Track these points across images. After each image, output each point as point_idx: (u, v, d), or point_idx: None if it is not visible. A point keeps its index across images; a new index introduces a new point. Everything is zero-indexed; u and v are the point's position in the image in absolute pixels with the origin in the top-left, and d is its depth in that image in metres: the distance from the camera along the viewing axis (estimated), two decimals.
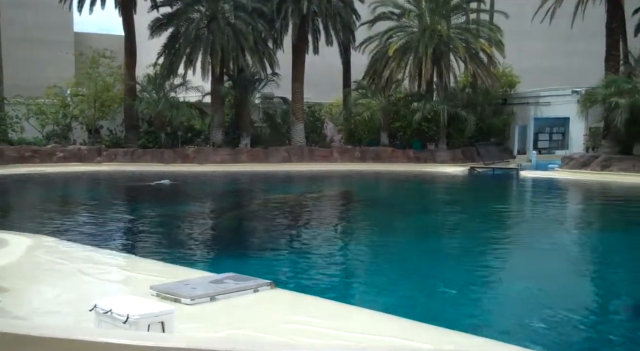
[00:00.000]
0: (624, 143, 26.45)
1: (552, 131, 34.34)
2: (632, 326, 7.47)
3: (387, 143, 33.00)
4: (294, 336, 5.68)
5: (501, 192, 24.53)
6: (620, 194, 21.13)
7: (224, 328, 5.91)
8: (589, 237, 14.00)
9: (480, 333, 6.40)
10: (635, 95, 24.27)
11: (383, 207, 18.97)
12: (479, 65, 31.58)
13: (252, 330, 5.85)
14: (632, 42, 27.97)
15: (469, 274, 9.85)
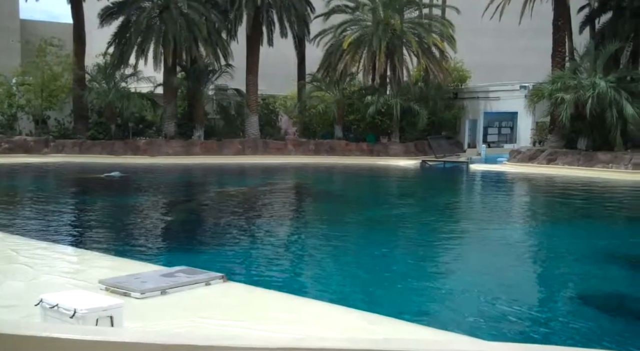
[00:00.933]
0: (568, 137, 27.35)
1: (501, 125, 35.25)
2: (574, 315, 7.79)
3: (341, 137, 33.20)
4: (246, 328, 5.72)
5: (451, 185, 25.05)
6: (564, 187, 21.87)
7: (175, 322, 5.89)
8: (534, 228, 14.47)
9: (429, 324, 6.57)
10: (579, 91, 25.07)
11: (336, 200, 19.12)
12: (431, 59, 32.07)
13: (203, 323, 5.86)
14: (577, 39, 28.89)
15: (419, 265, 10.07)
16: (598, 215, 15.97)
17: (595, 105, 24.50)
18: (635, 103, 24.45)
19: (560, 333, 6.86)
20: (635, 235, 13.59)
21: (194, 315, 6.18)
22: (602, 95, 24.38)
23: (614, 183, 22.30)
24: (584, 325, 7.11)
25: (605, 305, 7.98)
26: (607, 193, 20.67)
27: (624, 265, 10.21)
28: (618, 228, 14.36)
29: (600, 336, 6.65)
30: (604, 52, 25.83)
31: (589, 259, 10.57)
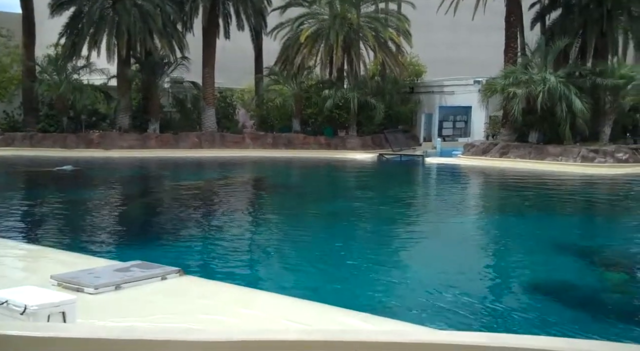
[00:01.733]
0: (520, 131, 28.03)
1: (456, 119, 35.83)
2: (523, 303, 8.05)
3: (299, 130, 33.21)
4: (202, 322, 5.72)
5: (408, 178, 25.40)
6: (516, 180, 22.44)
7: (130, 317, 5.84)
8: (487, 220, 14.83)
9: (384, 314, 6.69)
10: (531, 86, 25.71)
11: (294, 194, 19.17)
12: (387, 54, 32.36)
13: (158, 318, 5.83)
14: (529, 35, 29.56)
15: (376, 257, 10.21)
16: (548, 207, 16.46)
17: (545, 99, 25.17)
18: (583, 98, 25.22)
19: (510, 321, 7.08)
20: (581, 225, 14.11)
21: (150, 309, 6.14)
22: (553, 90, 25.07)
23: (564, 175, 22.99)
24: (532, 313, 7.36)
25: (553, 293, 8.25)
26: (556, 185, 21.30)
27: (571, 254, 10.57)
28: (566, 219, 14.83)
29: (547, 323, 6.89)
30: (553, 48, 26.54)
31: (538, 249, 10.92)
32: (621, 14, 26.96)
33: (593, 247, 11.43)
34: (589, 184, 21.52)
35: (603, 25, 26.61)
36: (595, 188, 21.01)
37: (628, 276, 9.27)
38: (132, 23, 28.72)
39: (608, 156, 24.81)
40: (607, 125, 26.64)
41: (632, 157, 24.95)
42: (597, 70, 26.11)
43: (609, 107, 26.63)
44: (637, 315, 7.42)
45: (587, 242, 11.94)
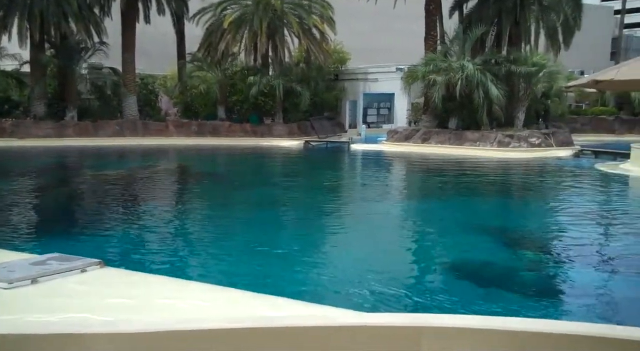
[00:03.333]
0: (441, 117, 28.89)
1: (380, 106, 36.50)
2: (444, 283, 8.37)
3: (224, 118, 32.84)
4: (124, 314, 5.61)
5: (334, 164, 25.67)
6: (436, 165, 23.16)
7: (48, 312, 5.64)
8: (409, 204, 15.26)
9: (311, 300, 6.77)
10: (450, 73, 26.51)
11: (219, 181, 18.98)
12: (312, 41, 32.45)
13: (77, 311, 5.66)
14: (447, 23, 30.37)
15: (303, 242, 10.31)
16: (466, 190, 17.10)
17: (464, 86, 26.03)
18: (499, 85, 26.27)
19: (430, 301, 7.35)
20: (498, 207, 14.76)
21: (68, 303, 5.96)
22: (470, 77, 25.95)
23: (482, 159, 23.92)
24: (451, 292, 7.67)
25: (471, 272, 8.61)
26: (474, 169, 22.12)
27: (489, 235, 11.04)
28: (484, 201, 15.46)
29: (466, 302, 7.19)
30: (471, 37, 27.43)
31: (457, 231, 11.33)
32: (533, 4, 28.15)
33: (509, 227, 11.99)
34: (504, 168, 22.49)
35: (516, 14, 27.73)
36: (510, 171, 21.98)
37: (541, 255, 9.78)
38: (45, 6, 27.39)
39: (522, 141, 25.99)
40: (521, 111, 27.88)
41: (544, 141, 26.25)
42: (511, 58, 27.23)
43: (522, 94, 27.86)
44: (549, 292, 7.86)
45: (504, 223, 12.50)
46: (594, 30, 48.23)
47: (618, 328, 4.31)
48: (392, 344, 3.88)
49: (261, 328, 3.49)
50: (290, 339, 3.54)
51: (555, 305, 7.31)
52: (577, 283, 8.15)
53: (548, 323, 4.46)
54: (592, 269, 8.80)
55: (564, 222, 12.67)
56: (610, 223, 12.51)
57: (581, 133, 31.91)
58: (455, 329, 3.96)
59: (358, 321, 4.10)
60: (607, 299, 7.54)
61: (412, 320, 4.06)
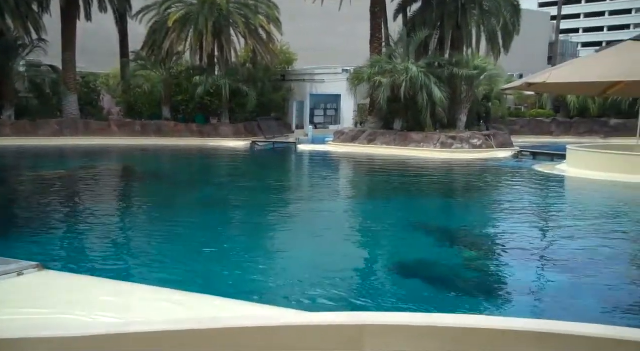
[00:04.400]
0: (386, 119, 29.32)
1: (327, 107, 36.73)
2: (386, 282, 8.52)
3: (169, 117, 32.35)
4: (64, 318, 5.49)
5: (281, 165, 25.71)
6: (382, 165, 23.50)
7: None
8: (355, 204, 15.43)
9: (258, 301, 6.79)
10: (395, 75, 26.94)
11: (164, 182, 18.70)
12: (258, 41, 32.34)
13: (14, 315, 5.51)
14: (392, 26, 30.86)
15: (249, 244, 10.29)
16: (411, 190, 17.43)
17: (408, 88, 26.51)
18: (442, 87, 26.87)
19: (372, 300, 7.48)
20: (441, 207, 15.11)
21: (4, 307, 5.77)
22: (414, 79, 26.45)
23: (425, 160, 24.42)
24: (393, 291, 7.83)
25: (414, 270, 8.80)
26: (419, 170, 22.56)
27: (431, 235, 11.31)
28: (427, 201, 15.80)
29: (408, 300, 7.36)
30: (414, 39, 27.95)
31: (401, 231, 11.56)
32: (474, 8, 28.92)
33: (451, 226, 12.31)
34: (447, 168, 23.02)
35: (458, 18, 28.43)
36: (453, 172, 22.52)
37: (481, 253, 10.07)
38: None
39: (464, 142, 26.67)
40: (463, 113, 28.60)
41: (485, 143, 27.01)
42: (454, 61, 27.89)
43: (464, 96, 28.59)
44: (490, 290, 8.12)
45: (445, 222, 12.83)
46: (532, 35, 49.96)
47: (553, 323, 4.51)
48: (335, 342, 3.95)
49: (203, 330, 3.50)
50: (233, 340, 3.56)
51: (492, 301, 7.56)
52: (515, 280, 8.46)
53: (483, 319, 4.63)
54: (529, 266, 9.15)
55: (503, 220, 13.09)
56: (546, 222, 13.01)
57: (520, 135, 32.97)
58: (396, 326, 4.07)
59: (301, 320, 4.15)
60: (542, 295, 7.85)
61: (354, 319, 4.14)
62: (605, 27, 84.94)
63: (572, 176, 19.09)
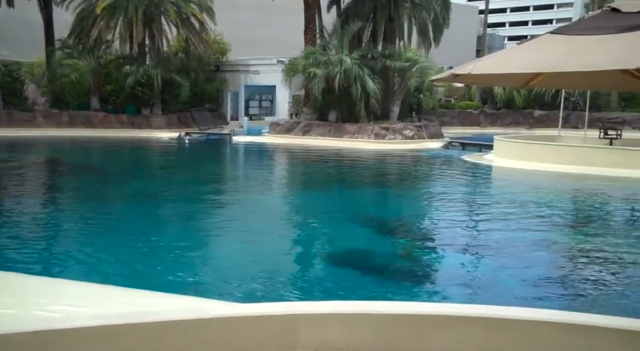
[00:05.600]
0: (321, 110, 29.50)
1: (262, 98, 36.56)
2: (322, 272, 8.65)
3: (98, 108, 31.39)
4: None
5: (215, 157, 25.44)
6: (317, 156, 23.65)
7: None
8: (291, 195, 15.50)
9: (194, 293, 6.76)
10: (329, 67, 27.12)
11: (93, 174, 18.17)
12: (190, 30, 31.81)
13: None
14: (326, 17, 30.96)
15: (183, 237, 10.18)
16: (345, 181, 17.67)
17: (342, 80, 26.76)
18: (375, 79, 27.27)
19: (311, 290, 7.59)
20: (375, 197, 15.40)
21: None
22: (348, 71, 26.72)
23: (359, 151, 24.76)
24: (332, 281, 7.97)
25: (349, 260, 8.96)
26: (353, 160, 22.87)
27: (367, 225, 11.52)
28: (362, 192, 16.06)
29: (347, 289, 7.49)
30: (348, 31, 28.21)
31: (338, 221, 11.71)
32: (405, 1, 29.42)
33: (384, 216, 12.59)
34: (381, 159, 23.43)
35: (390, 11, 28.85)
36: (386, 162, 22.94)
37: (414, 242, 10.36)
38: None
39: (397, 133, 27.20)
40: (396, 105, 29.14)
41: (416, 133, 27.64)
42: (386, 53, 28.34)
43: (397, 88, 29.12)
44: (421, 277, 8.38)
45: (379, 212, 13.10)
46: (462, 29, 51.35)
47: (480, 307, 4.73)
48: (269, 333, 4.01)
49: (130, 324, 3.48)
50: (164, 333, 3.57)
51: (424, 287, 7.83)
52: (445, 267, 8.77)
53: (413, 305, 4.81)
54: (458, 253, 9.50)
55: (434, 209, 13.50)
56: (475, 209, 13.50)
57: (450, 126, 33.92)
58: (330, 315, 4.17)
59: (234, 312, 4.19)
60: (471, 280, 8.18)
61: (287, 309, 4.22)
62: (530, 21, 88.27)
63: (499, 165, 19.85)
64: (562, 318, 4.01)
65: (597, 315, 4.08)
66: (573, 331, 3.83)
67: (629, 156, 16.80)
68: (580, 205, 13.97)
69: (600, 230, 11.09)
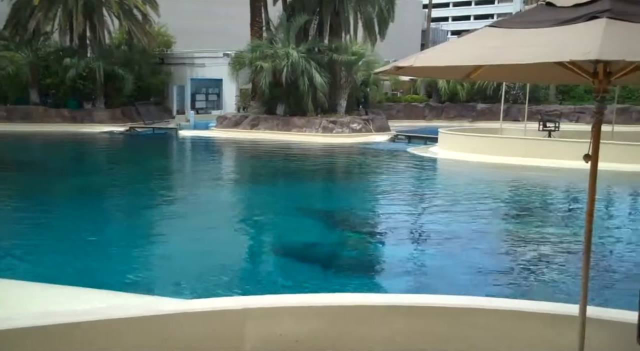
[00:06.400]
0: (269, 104, 29.35)
1: (208, 92, 36.06)
2: (275, 265, 8.66)
3: (38, 102, 30.36)
4: None
5: (161, 151, 25.00)
6: (265, 150, 23.57)
7: None
8: (239, 189, 15.42)
9: (136, 291, 6.64)
10: (276, 60, 27.01)
11: (32, 171, 17.56)
12: (133, 22, 31.11)
13: None
14: (272, 10, 30.75)
15: (125, 233, 9.99)
16: (294, 174, 17.67)
17: (289, 73, 26.70)
18: (322, 72, 27.33)
19: (260, 283, 7.59)
20: (324, 190, 15.49)
21: None
22: (295, 64, 26.68)
23: (308, 145, 24.80)
24: (281, 273, 7.99)
25: (298, 253, 8.99)
26: (301, 154, 22.89)
27: (315, 217, 11.58)
28: (310, 185, 16.13)
29: (297, 281, 7.51)
30: (294, 24, 28.14)
31: (286, 214, 11.73)
32: None
33: (333, 209, 12.67)
34: (329, 152, 23.54)
35: (336, 4, 28.91)
36: (334, 156, 23.06)
37: (361, 234, 10.48)
38: None
39: (345, 126, 27.37)
40: (343, 98, 29.30)
41: (364, 127, 27.88)
42: (333, 47, 28.42)
43: (344, 81, 29.27)
44: (370, 267, 8.49)
45: (328, 205, 13.18)
46: (407, 23, 51.93)
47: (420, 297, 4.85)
48: (217, 328, 4.00)
49: (75, 323, 3.41)
50: (110, 331, 3.50)
51: (370, 278, 7.94)
52: (391, 257, 8.91)
53: (360, 296, 4.89)
54: (403, 243, 9.67)
55: (381, 201, 13.69)
56: (419, 201, 13.76)
57: (396, 120, 34.32)
58: (277, 308, 4.19)
59: (181, 307, 4.16)
60: (419, 270, 8.34)
61: (235, 303, 4.22)
62: (472, 16, 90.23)
63: (443, 158, 20.26)
64: (499, 305, 4.18)
65: (527, 301, 4.29)
66: (506, 316, 4.00)
67: (567, 147, 17.41)
68: (520, 196, 14.43)
69: (537, 218, 11.49)
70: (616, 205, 13.49)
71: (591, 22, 2.49)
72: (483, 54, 2.72)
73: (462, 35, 3.34)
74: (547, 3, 2.79)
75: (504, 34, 2.75)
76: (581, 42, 2.38)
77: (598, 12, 2.52)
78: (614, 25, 2.43)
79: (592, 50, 2.25)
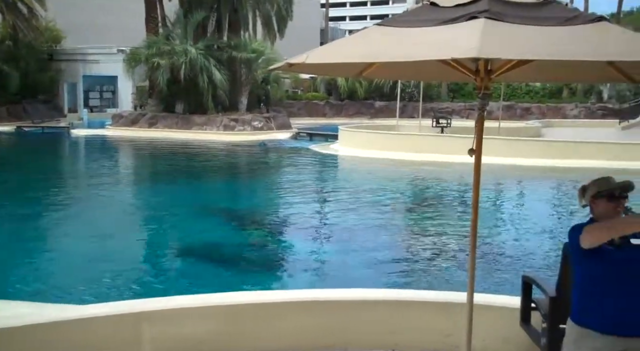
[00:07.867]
0: (167, 101, 28.61)
1: (103, 89, 34.67)
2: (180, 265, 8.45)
3: None
4: None
5: (51, 151, 23.71)
6: (164, 149, 22.95)
7: None
8: (137, 189, 14.94)
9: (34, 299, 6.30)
10: (174, 57, 26.39)
11: None
12: (18, 16, 29.30)
13: None
14: (168, 5, 29.93)
15: (19, 239, 9.42)
16: (195, 173, 17.34)
17: (188, 70, 26.19)
18: (222, 70, 27.01)
19: (160, 285, 7.40)
20: (226, 189, 15.33)
21: None
22: (194, 61, 26.22)
23: (208, 143, 24.41)
24: (188, 273, 7.85)
25: (205, 253, 8.83)
26: (202, 152, 22.50)
27: (218, 216, 11.44)
28: (212, 184, 15.90)
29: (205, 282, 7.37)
30: (192, 21, 27.61)
31: (188, 214, 11.50)
32: None
33: (236, 207, 12.57)
34: (230, 151, 23.31)
35: (234, 1, 28.68)
36: (236, 154, 22.87)
37: (264, 232, 10.46)
38: None
39: (246, 124, 27.21)
40: (244, 96, 29.11)
41: (266, 124, 27.85)
42: (232, 44, 28.17)
43: (244, 79, 29.09)
44: (276, 265, 8.49)
45: (231, 204, 13.05)
46: (306, 22, 52.35)
47: (317, 292, 4.92)
48: (112, 333, 3.88)
49: None
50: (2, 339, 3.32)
51: (274, 275, 7.96)
52: (294, 254, 8.98)
53: (256, 294, 4.90)
54: (306, 240, 9.76)
55: (283, 199, 13.74)
56: (320, 197, 13.95)
57: (298, 117, 34.56)
58: (175, 310, 4.13)
59: (74, 314, 4.01)
60: (320, 266, 8.45)
61: (130, 307, 4.11)
62: (368, 16, 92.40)
63: (344, 154, 20.63)
64: (393, 296, 4.35)
65: (420, 291, 4.49)
66: (401, 306, 4.17)
67: (457, 142, 18.23)
68: (415, 189, 15.00)
69: (431, 210, 12.00)
70: (501, 196, 14.34)
71: (471, 22, 2.61)
72: (371, 51, 2.79)
73: (352, 33, 3.41)
74: (431, 3, 2.91)
75: (391, 32, 2.84)
76: (462, 41, 2.49)
77: (477, 13, 2.64)
78: (492, 25, 2.56)
79: (472, 48, 2.36)
